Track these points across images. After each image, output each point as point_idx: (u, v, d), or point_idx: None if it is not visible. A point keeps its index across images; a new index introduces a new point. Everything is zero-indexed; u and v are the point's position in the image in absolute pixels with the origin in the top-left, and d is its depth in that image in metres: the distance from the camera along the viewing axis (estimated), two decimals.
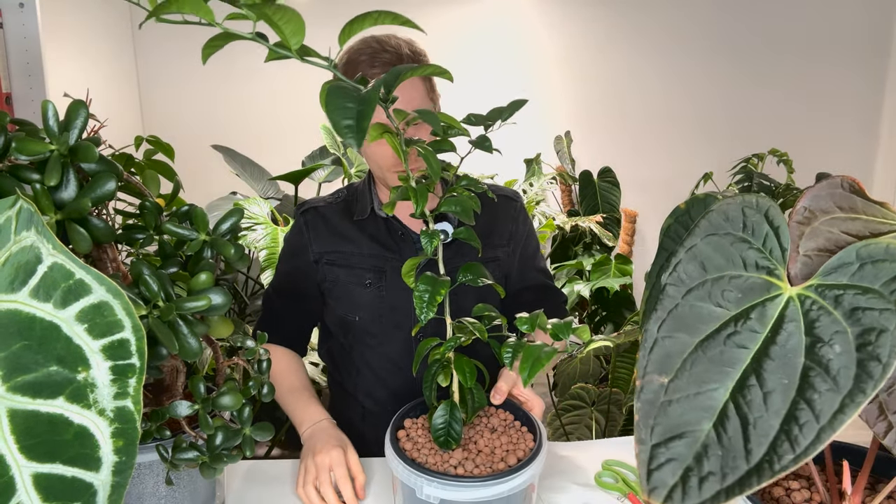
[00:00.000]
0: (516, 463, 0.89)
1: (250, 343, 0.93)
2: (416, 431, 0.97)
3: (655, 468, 0.46)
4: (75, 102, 0.76)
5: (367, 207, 1.35)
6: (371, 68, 1.17)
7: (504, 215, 1.40)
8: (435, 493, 0.84)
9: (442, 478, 0.84)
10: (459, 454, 0.91)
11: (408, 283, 0.90)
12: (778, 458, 0.44)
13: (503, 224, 1.40)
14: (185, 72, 3.05)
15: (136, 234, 0.87)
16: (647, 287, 0.81)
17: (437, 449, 0.92)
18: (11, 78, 1.94)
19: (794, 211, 0.61)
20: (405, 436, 0.96)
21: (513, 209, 1.41)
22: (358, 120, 0.64)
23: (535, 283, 1.44)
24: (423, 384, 0.94)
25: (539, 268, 1.46)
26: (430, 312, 0.84)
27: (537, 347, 0.81)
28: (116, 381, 0.52)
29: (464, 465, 0.88)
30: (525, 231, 1.42)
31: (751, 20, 3.32)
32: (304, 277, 1.36)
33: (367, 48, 1.19)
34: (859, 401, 0.45)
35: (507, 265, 1.40)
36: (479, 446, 0.94)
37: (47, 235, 0.53)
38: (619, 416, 2.10)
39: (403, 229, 1.34)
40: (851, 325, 0.48)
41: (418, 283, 0.86)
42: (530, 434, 0.97)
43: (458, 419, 0.91)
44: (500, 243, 1.38)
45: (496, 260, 1.37)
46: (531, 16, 3.24)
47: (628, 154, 3.40)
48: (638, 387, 0.51)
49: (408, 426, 0.98)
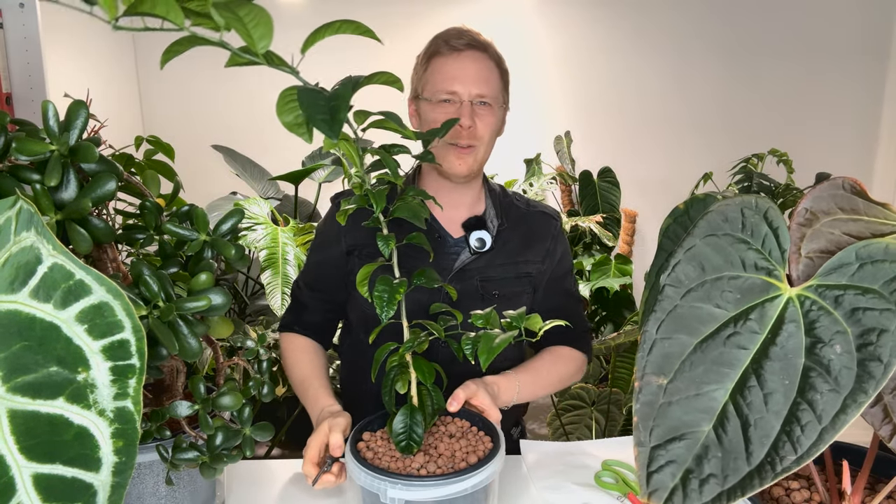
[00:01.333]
0: (477, 462, 0.92)
1: (250, 343, 0.93)
2: (376, 443, 0.97)
3: (655, 470, 0.46)
4: (75, 103, 0.76)
5: None
6: (459, 39, 1.23)
7: (543, 233, 1.38)
8: (399, 494, 0.84)
9: (406, 479, 0.85)
10: (421, 458, 0.92)
11: (361, 292, 0.92)
12: (780, 460, 0.44)
13: (541, 242, 1.37)
14: (185, 72, 3.05)
15: (137, 235, 0.87)
16: (646, 287, 0.81)
17: (398, 456, 0.93)
18: (11, 78, 1.94)
19: (796, 212, 0.61)
20: (365, 447, 0.96)
21: (553, 227, 1.40)
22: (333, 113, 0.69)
23: (555, 306, 1.38)
24: (381, 390, 0.95)
25: (565, 290, 1.42)
26: (389, 311, 0.87)
27: (493, 335, 0.85)
28: (116, 382, 0.52)
29: (426, 468, 0.90)
30: (560, 251, 1.40)
31: (751, 21, 3.32)
32: (333, 268, 1.34)
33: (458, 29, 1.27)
34: (861, 401, 0.45)
35: (537, 282, 1.38)
36: (439, 450, 0.95)
37: (47, 236, 0.53)
38: (619, 415, 2.10)
39: (441, 232, 1.32)
40: (852, 326, 0.48)
41: (377, 284, 0.89)
42: (488, 437, 0.99)
43: (418, 423, 0.92)
44: (535, 260, 1.36)
45: (528, 276, 1.35)
46: (532, 16, 3.24)
47: (628, 154, 3.40)
48: (637, 388, 0.51)
49: (367, 438, 0.98)
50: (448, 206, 1.31)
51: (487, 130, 1.25)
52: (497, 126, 1.29)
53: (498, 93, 1.27)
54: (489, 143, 1.28)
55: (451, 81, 1.23)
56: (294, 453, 2.47)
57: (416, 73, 1.31)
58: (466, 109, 1.22)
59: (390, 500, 0.85)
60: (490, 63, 1.26)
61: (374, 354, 0.97)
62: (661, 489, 0.45)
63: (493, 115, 1.25)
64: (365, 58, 2.26)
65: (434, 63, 1.25)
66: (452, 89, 1.23)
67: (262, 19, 0.64)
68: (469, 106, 1.23)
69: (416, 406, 0.94)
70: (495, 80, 1.26)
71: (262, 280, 2.02)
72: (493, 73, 1.26)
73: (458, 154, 1.25)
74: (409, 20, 3.09)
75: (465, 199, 1.34)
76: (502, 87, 1.29)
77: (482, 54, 1.25)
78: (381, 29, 0.87)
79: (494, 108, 1.25)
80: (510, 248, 1.33)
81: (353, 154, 0.88)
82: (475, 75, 1.23)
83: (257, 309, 2.59)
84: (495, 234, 1.32)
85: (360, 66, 1.28)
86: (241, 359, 0.94)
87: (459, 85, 1.22)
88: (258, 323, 2.35)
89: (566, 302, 1.41)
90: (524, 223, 1.37)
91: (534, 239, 1.36)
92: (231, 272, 2.36)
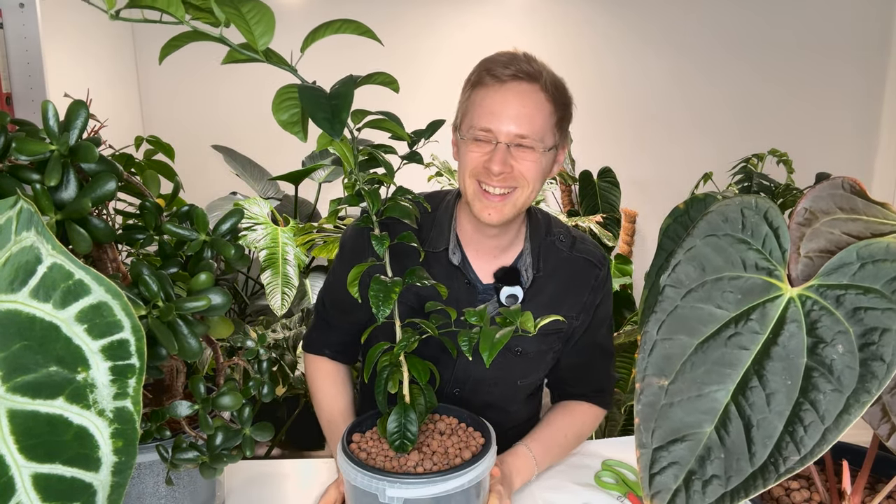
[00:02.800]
0: (471, 457, 0.93)
1: (250, 343, 0.93)
2: (367, 443, 0.97)
3: (657, 472, 0.46)
4: (75, 103, 0.75)
5: (442, 243, 1.19)
6: (505, 69, 1.07)
7: (582, 283, 1.23)
8: (399, 493, 0.85)
9: (404, 477, 0.86)
10: (415, 456, 0.93)
11: (351, 293, 0.90)
12: (783, 460, 0.44)
13: (578, 293, 1.22)
14: (185, 72, 3.05)
15: (136, 235, 0.87)
16: (646, 287, 0.81)
17: (392, 455, 0.93)
18: (11, 78, 1.93)
19: (795, 212, 0.61)
20: (357, 448, 0.96)
21: (594, 277, 1.23)
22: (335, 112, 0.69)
23: (583, 362, 1.28)
24: (374, 391, 0.94)
25: (595, 344, 1.27)
26: (385, 310, 0.86)
27: (493, 330, 0.85)
28: (116, 382, 0.52)
29: (422, 465, 0.91)
30: (599, 303, 1.25)
31: (750, 20, 3.32)
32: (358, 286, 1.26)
33: (509, 54, 1.10)
34: (864, 401, 0.44)
35: (568, 334, 1.25)
36: (432, 448, 0.96)
37: (47, 236, 0.52)
38: (619, 416, 2.10)
39: (471, 277, 1.19)
40: (854, 325, 0.48)
41: (371, 284, 0.89)
42: (478, 432, 1.00)
43: (412, 421, 0.92)
44: (569, 314, 1.21)
45: (558, 333, 1.22)
46: (531, 16, 3.24)
47: (628, 154, 3.40)
48: (638, 390, 0.50)
49: (357, 440, 0.98)
50: (479, 248, 1.20)
51: (529, 175, 1.08)
52: (542, 170, 1.11)
53: (545, 132, 1.08)
54: (532, 189, 1.10)
55: (489, 118, 1.07)
56: (294, 453, 2.46)
57: (460, 101, 1.16)
58: (500, 152, 1.06)
59: (389, 500, 0.85)
60: (539, 97, 1.07)
61: (367, 355, 0.95)
62: (664, 491, 0.45)
63: (535, 159, 1.08)
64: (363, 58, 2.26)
65: (475, 94, 1.10)
66: (488, 127, 1.07)
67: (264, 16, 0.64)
68: (504, 149, 1.06)
69: (409, 405, 0.94)
70: (543, 117, 1.07)
71: (262, 280, 2.02)
72: (541, 110, 1.07)
73: (487, 200, 1.09)
74: (407, 20, 3.09)
75: (500, 243, 1.20)
76: (554, 124, 1.10)
77: (530, 86, 1.07)
78: (379, 29, 0.87)
79: (537, 151, 1.08)
80: (542, 301, 1.19)
81: (348, 154, 0.88)
82: (517, 112, 1.06)
83: (257, 309, 2.59)
84: (528, 285, 1.19)
85: (359, 65, 1.27)
86: (241, 359, 0.94)
87: (497, 122, 1.06)
88: (258, 323, 2.35)
89: (595, 356, 1.28)
90: (564, 270, 1.21)
91: (571, 290, 1.22)
92: (231, 272, 2.36)
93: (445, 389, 1.23)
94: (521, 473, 1.13)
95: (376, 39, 0.77)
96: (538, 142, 1.07)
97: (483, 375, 1.21)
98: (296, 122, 0.76)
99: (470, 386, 1.23)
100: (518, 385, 1.26)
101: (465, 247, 1.21)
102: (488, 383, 1.23)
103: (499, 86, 1.07)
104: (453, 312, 0.94)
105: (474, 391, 1.23)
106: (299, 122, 0.76)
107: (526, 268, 1.20)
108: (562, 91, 1.12)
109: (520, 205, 1.11)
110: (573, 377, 1.30)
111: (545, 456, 1.17)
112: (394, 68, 1.16)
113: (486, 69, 1.09)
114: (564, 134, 1.15)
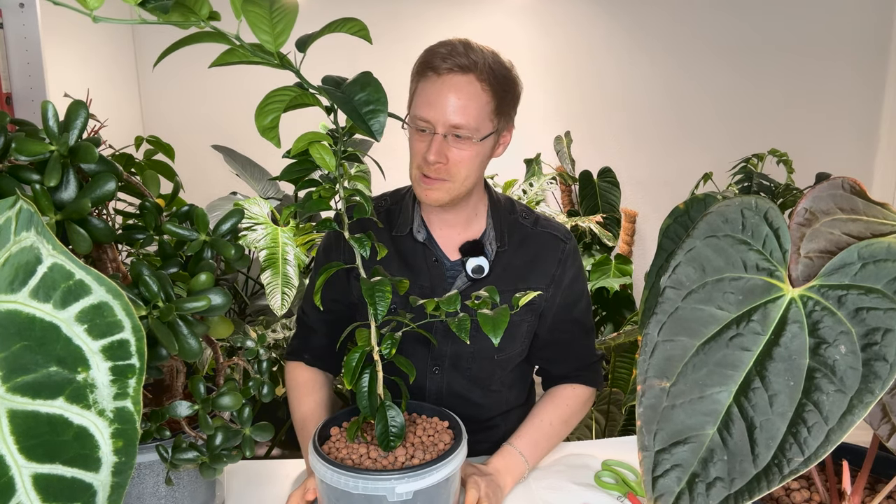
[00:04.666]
0: (451, 441, 0.97)
1: (250, 343, 0.93)
2: (341, 452, 0.96)
3: (660, 475, 0.46)
4: (75, 103, 0.75)
5: (407, 224, 1.26)
6: (443, 61, 1.11)
7: (549, 256, 1.27)
8: (408, 487, 0.87)
9: (410, 471, 0.88)
10: (402, 451, 0.95)
11: (315, 301, 0.92)
12: (787, 462, 0.44)
13: (545, 266, 1.26)
14: (185, 72, 3.05)
15: (136, 235, 0.87)
16: (646, 287, 0.81)
17: (376, 457, 0.94)
18: (11, 78, 1.93)
19: (795, 212, 0.61)
20: (342, 459, 0.95)
21: (560, 250, 1.27)
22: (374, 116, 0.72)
23: (562, 338, 1.30)
24: (356, 395, 0.93)
25: (574, 320, 1.30)
26: (383, 310, 0.88)
27: (488, 314, 0.87)
28: (116, 382, 0.52)
29: (416, 457, 0.94)
30: (570, 276, 1.28)
31: (750, 20, 3.32)
32: (333, 289, 1.27)
33: (449, 45, 1.14)
34: (868, 401, 0.44)
35: (541, 307, 1.28)
36: (411, 441, 0.99)
37: (47, 236, 0.52)
38: (619, 416, 2.10)
39: (438, 255, 1.25)
40: (856, 326, 0.48)
41: (363, 289, 0.89)
42: (436, 417, 1.05)
43: (395, 417, 0.93)
44: (538, 286, 1.25)
45: (530, 304, 1.24)
46: (531, 16, 3.24)
47: (628, 154, 3.40)
48: (639, 392, 0.50)
49: (327, 450, 0.97)
50: (442, 226, 1.26)
51: (462, 167, 1.14)
52: (480, 157, 1.16)
53: (480, 122, 1.12)
54: (467, 176, 1.16)
55: (427, 108, 1.11)
56: (294, 453, 2.46)
57: (409, 90, 1.20)
58: (436, 143, 1.11)
59: (398, 496, 0.87)
60: (474, 88, 1.11)
61: (345, 359, 0.93)
62: (667, 494, 0.45)
63: (470, 148, 1.13)
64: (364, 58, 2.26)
65: (419, 85, 1.15)
66: (426, 117, 1.12)
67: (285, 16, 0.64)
68: (440, 139, 1.11)
69: (390, 403, 0.94)
70: (477, 107, 1.11)
71: (262, 280, 2.02)
72: (476, 100, 1.11)
73: (427, 184, 1.15)
74: (407, 20, 3.09)
75: (459, 219, 1.26)
76: (491, 111, 1.14)
77: (466, 77, 1.10)
78: (378, 28, 0.87)
79: (473, 139, 1.12)
80: (510, 274, 1.24)
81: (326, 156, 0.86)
82: (453, 103, 1.10)
83: (257, 309, 2.59)
84: (493, 258, 1.24)
85: (359, 65, 1.27)
86: (241, 359, 0.94)
87: (433, 113, 1.11)
88: (258, 323, 2.34)
89: (574, 333, 1.31)
90: (529, 245, 1.26)
91: (538, 263, 1.26)
92: (231, 272, 2.36)
93: (426, 369, 1.25)
94: (512, 472, 1.14)
95: (368, 40, 0.77)
96: (474, 131, 1.12)
97: (460, 350, 1.23)
98: (273, 128, 0.76)
99: (448, 362, 1.25)
100: (496, 360, 1.27)
101: (430, 226, 1.27)
102: (465, 358, 1.25)
103: (436, 77, 1.12)
104: (431, 303, 0.93)
105: (454, 367, 1.25)
106: (276, 128, 0.76)
107: (490, 241, 1.25)
108: (501, 77, 1.15)
109: (455, 192, 1.17)
110: (554, 356, 1.33)
111: (534, 450, 1.19)
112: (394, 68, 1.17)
113: (427, 61, 1.13)
114: (507, 117, 1.19)
